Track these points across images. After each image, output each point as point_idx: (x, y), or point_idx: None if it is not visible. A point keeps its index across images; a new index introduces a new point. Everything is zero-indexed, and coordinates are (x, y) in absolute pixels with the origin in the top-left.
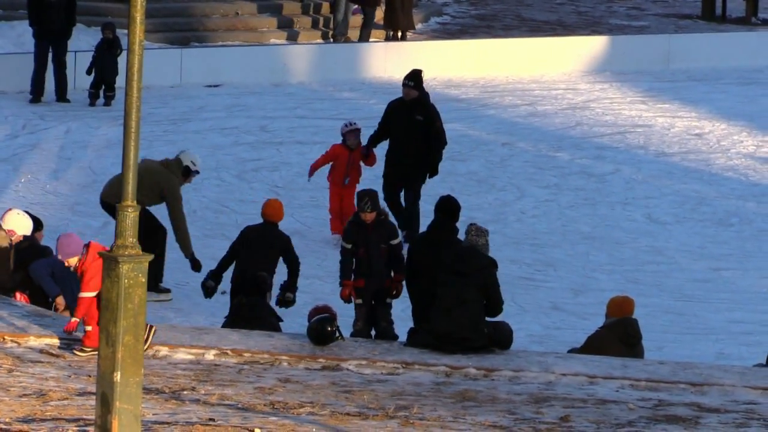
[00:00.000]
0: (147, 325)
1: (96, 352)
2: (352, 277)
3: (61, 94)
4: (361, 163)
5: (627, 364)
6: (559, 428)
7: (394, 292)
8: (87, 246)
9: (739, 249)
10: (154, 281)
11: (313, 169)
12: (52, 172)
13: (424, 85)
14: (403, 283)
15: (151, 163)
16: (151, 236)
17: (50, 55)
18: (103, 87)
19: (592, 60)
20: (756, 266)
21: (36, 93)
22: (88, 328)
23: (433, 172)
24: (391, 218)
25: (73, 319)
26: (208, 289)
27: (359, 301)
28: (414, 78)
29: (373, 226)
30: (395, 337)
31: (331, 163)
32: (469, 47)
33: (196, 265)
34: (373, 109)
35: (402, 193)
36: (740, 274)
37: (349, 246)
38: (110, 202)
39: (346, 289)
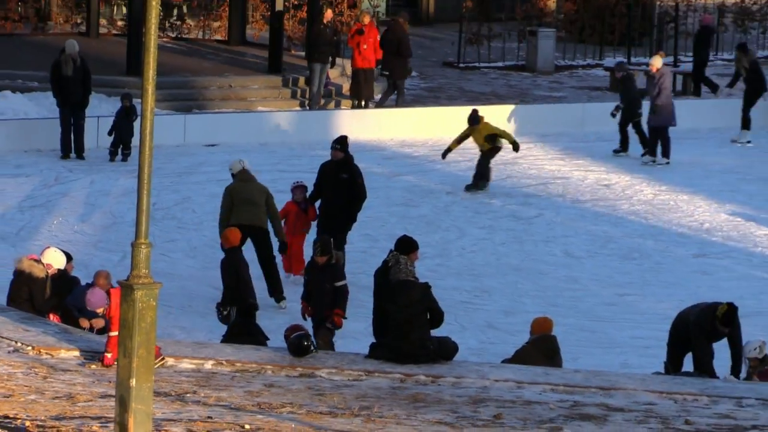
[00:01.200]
0: (162, 357)
1: (114, 363)
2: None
3: (78, 152)
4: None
5: (548, 372)
6: (493, 424)
7: (330, 324)
8: (109, 294)
9: (639, 278)
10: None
11: (282, 214)
12: (79, 215)
13: (352, 147)
14: (341, 316)
15: (253, 181)
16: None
17: (72, 120)
18: (121, 146)
19: (520, 124)
20: (653, 293)
21: (64, 151)
22: (108, 355)
23: (353, 220)
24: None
25: (108, 356)
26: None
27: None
28: (341, 142)
29: (322, 267)
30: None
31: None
32: (420, 113)
33: (283, 247)
34: None
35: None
36: (640, 298)
37: (306, 278)
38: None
39: (307, 308)
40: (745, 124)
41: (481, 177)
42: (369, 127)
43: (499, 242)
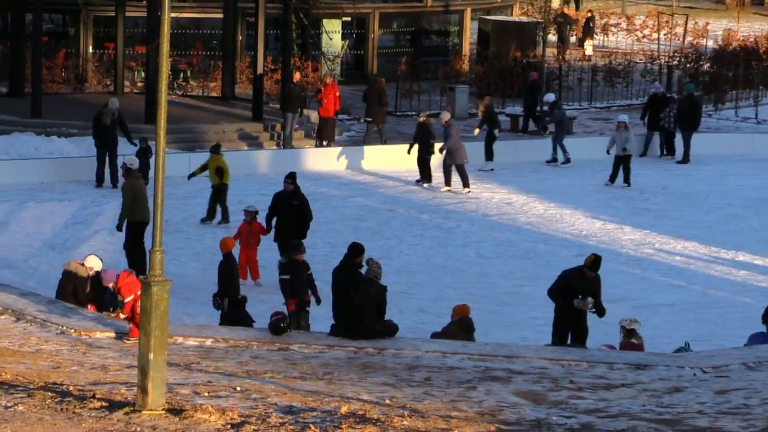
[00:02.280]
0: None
1: (137, 341)
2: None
3: (114, 182)
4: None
5: (466, 344)
6: (425, 384)
7: (317, 300)
8: (118, 275)
9: (534, 273)
10: None
11: (235, 237)
12: (109, 229)
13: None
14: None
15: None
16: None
17: (107, 158)
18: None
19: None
20: (545, 284)
21: (98, 181)
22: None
23: (304, 236)
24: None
25: (131, 327)
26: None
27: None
28: (291, 177)
29: (302, 262)
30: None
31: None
32: (367, 151)
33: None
34: (308, 190)
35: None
36: (535, 289)
37: (287, 277)
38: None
39: (292, 305)
40: (489, 155)
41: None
42: (329, 161)
43: (427, 247)
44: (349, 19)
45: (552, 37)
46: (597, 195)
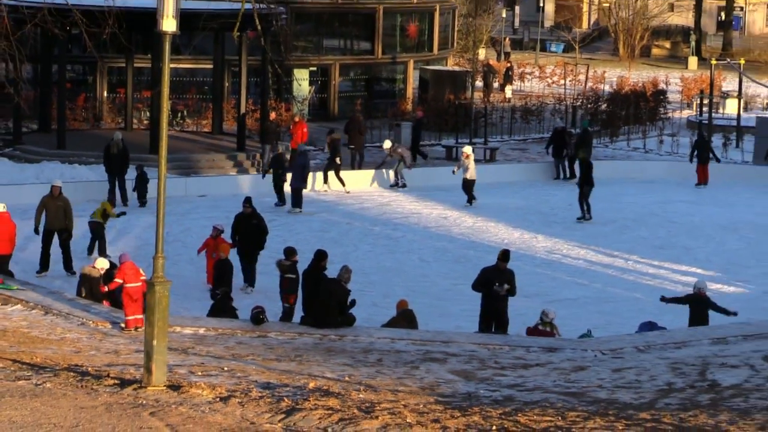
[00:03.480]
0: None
1: (130, 331)
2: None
3: (124, 201)
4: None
5: (409, 332)
6: (377, 365)
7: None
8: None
9: (465, 275)
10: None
11: (200, 250)
12: (120, 239)
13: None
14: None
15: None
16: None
17: (116, 182)
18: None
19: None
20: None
21: (109, 201)
22: (130, 318)
23: (262, 248)
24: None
25: (129, 319)
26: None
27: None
28: (249, 201)
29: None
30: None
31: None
32: (330, 175)
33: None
34: (281, 207)
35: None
36: (466, 287)
37: (294, 276)
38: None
39: (293, 299)
40: (326, 179)
41: None
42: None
43: (378, 253)
44: (315, 68)
45: (479, 83)
46: (515, 211)
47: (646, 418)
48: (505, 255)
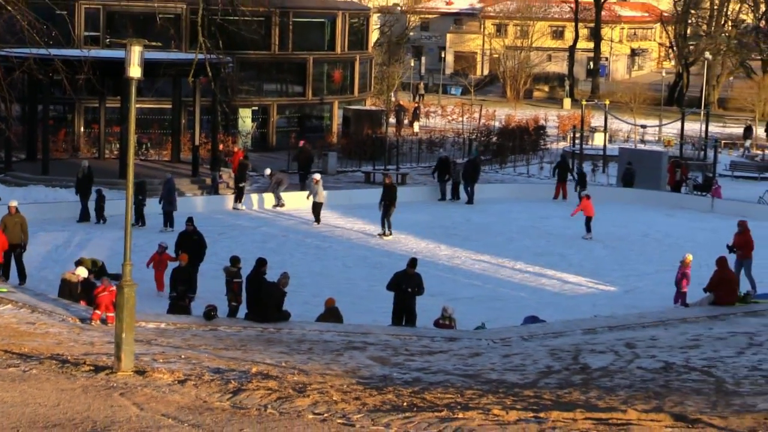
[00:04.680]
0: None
1: (95, 324)
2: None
3: (98, 219)
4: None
5: (336, 326)
6: (308, 352)
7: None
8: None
9: (381, 278)
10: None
11: (147, 264)
12: (93, 249)
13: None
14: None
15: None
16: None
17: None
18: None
19: (326, 199)
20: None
21: (81, 218)
22: (97, 312)
23: (202, 260)
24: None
25: (96, 313)
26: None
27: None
28: (190, 220)
29: (237, 271)
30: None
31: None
32: (268, 195)
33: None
34: (227, 223)
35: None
36: (382, 288)
37: (240, 281)
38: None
39: (240, 299)
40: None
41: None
42: (243, 202)
43: (310, 260)
44: (256, 108)
45: (392, 120)
46: (422, 225)
47: (529, 395)
48: (412, 262)
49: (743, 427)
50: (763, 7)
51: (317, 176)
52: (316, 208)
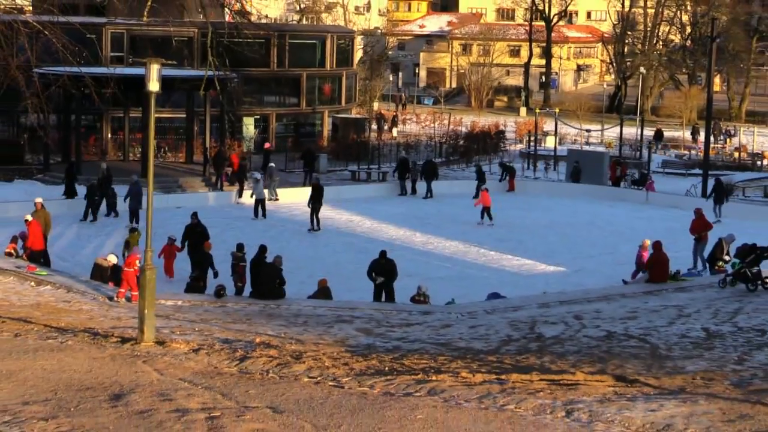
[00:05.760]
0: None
1: (119, 302)
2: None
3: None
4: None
5: (327, 302)
6: (304, 325)
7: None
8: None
9: (366, 261)
10: None
11: (159, 254)
12: (110, 243)
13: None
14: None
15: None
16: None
17: (103, 197)
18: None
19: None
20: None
21: (85, 216)
22: (121, 290)
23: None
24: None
25: (120, 291)
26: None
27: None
28: (194, 215)
29: (242, 256)
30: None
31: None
32: (268, 192)
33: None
34: (231, 214)
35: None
36: (366, 270)
37: (245, 264)
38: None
39: (245, 281)
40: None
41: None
42: (246, 197)
43: (305, 247)
44: (258, 116)
45: (374, 126)
46: (401, 216)
47: (493, 360)
48: (382, 253)
49: (674, 386)
50: (688, 29)
51: (257, 174)
52: (261, 205)
